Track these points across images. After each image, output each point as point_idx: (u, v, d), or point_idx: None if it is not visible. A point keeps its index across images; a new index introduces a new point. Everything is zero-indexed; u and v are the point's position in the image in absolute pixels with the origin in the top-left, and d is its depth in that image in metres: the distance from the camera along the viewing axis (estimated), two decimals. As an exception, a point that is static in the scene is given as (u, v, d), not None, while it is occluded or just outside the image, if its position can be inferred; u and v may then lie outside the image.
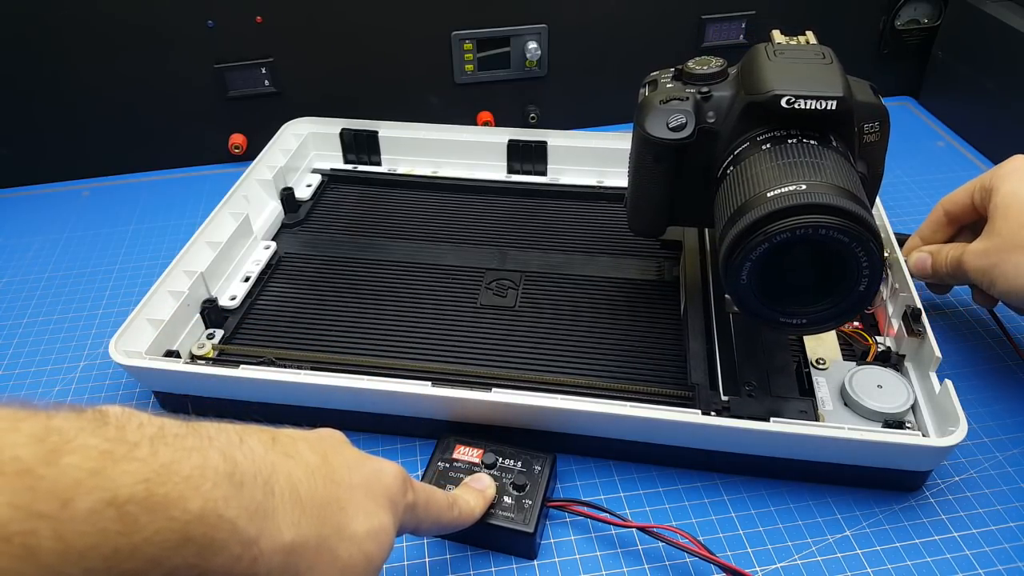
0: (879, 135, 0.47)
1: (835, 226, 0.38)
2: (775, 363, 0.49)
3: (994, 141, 0.76)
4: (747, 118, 0.45)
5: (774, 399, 0.47)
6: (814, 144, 0.43)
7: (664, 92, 0.48)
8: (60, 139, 0.77)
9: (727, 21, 0.79)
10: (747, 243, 0.40)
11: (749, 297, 0.42)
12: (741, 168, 0.44)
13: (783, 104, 0.43)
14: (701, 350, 0.51)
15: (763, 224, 0.39)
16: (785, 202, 0.39)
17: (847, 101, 0.43)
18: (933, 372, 0.47)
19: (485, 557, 0.44)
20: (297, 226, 0.67)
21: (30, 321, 0.61)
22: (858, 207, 0.39)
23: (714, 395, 0.48)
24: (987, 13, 0.75)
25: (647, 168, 0.49)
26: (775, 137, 0.44)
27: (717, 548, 0.43)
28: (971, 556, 0.43)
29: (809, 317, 0.42)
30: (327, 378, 0.47)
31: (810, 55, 0.46)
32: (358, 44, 0.76)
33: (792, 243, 0.39)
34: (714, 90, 0.47)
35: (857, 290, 0.40)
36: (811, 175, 0.40)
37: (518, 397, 0.46)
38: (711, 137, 0.47)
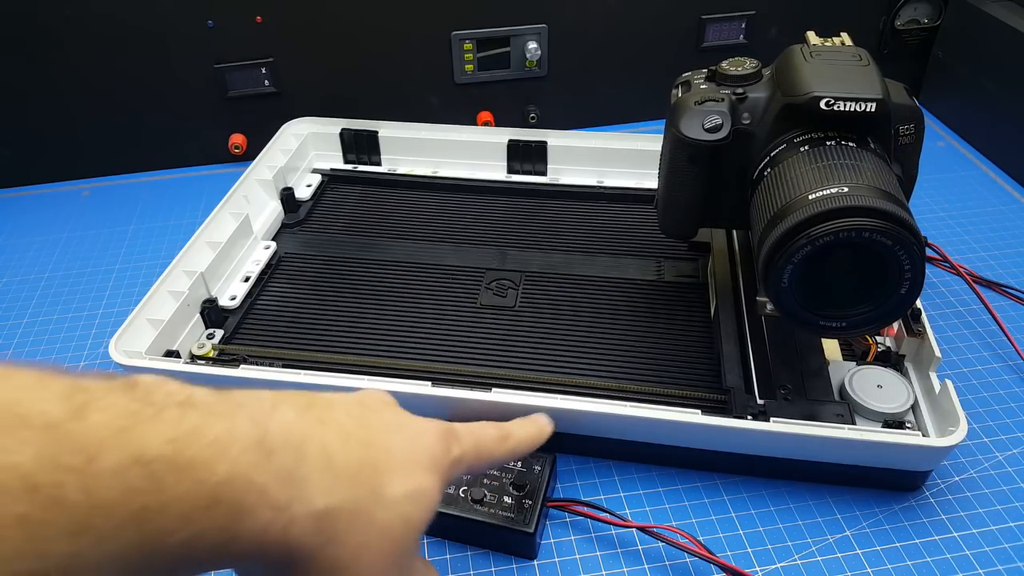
0: (913, 137, 0.46)
1: (878, 228, 0.38)
2: (810, 366, 0.49)
3: (994, 141, 0.76)
4: (784, 120, 0.45)
5: (810, 402, 0.46)
6: (852, 146, 0.43)
7: (699, 93, 0.47)
8: (60, 139, 0.77)
9: (727, 21, 0.79)
10: (789, 246, 0.39)
11: (790, 300, 0.41)
12: (779, 170, 0.43)
13: (822, 106, 0.43)
14: (735, 353, 0.50)
15: (805, 227, 0.39)
16: (827, 204, 0.38)
17: (886, 103, 0.43)
18: (933, 372, 0.47)
19: (485, 557, 0.44)
20: (297, 226, 0.67)
21: (30, 321, 0.61)
22: (900, 209, 0.38)
23: (750, 399, 0.47)
24: (987, 13, 0.75)
25: (681, 170, 0.48)
26: (813, 139, 0.43)
27: (717, 548, 0.43)
28: (971, 556, 0.43)
29: (849, 320, 0.42)
30: (327, 378, 0.47)
31: (847, 56, 0.45)
32: (358, 44, 0.76)
33: (834, 246, 0.39)
34: (749, 91, 0.47)
35: (899, 293, 0.40)
36: (852, 177, 0.40)
37: (518, 397, 0.46)
38: (746, 139, 0.46)
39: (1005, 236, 0.66)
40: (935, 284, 0.61)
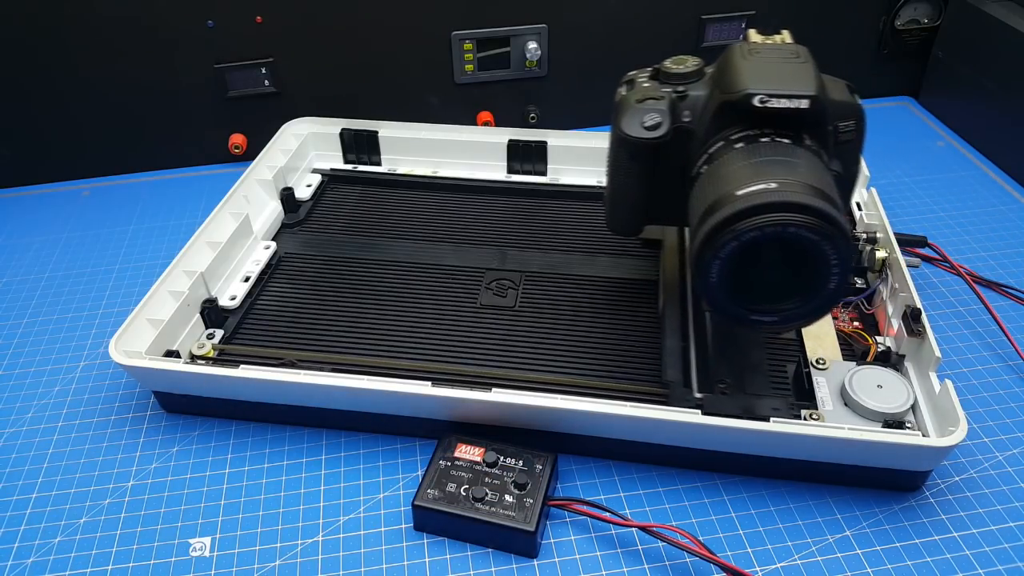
0: (854, 134, 0.47)
1: (804, 224, 0.38)
2: (750, 361, 0.49)
3: (994, 141, 0.76)
4: (721, 117, 0.45)
5: (747, 397, 0.47)
6: (787, 143, 0.43)
7: (640, 91, 0.48)
8: (60, 139, 0.77)
9: (727, 21, 0.79)
10: (716, 241, 0.40)
11: (719, 295, 0.42)
12: (714, 167, 0.44)
13: (755, 103, 0.43)
14: (676, 347, 0.51)
15: (732, 222, 0.39)
16: (754, 200, 0.39)
17: (819, 100, 0.43)
18: (933, 372, 0.47)
19: (485, 557, 0.44)
20: (297, 226, 0.67)
21: (30, 321, 0.61)
22: (827, 205, 0.39)
23: (687, 392, 0.48)
24: (987, 13, 0.75)
25: (623, 167, 0.49)
26: (748, 136, 0.44)
27: (717, 548, 0.43)
28: (971, 556, 0.43)
29: (780, 315, 0.42)
30: (327, 378, 0.47)
31: (784, 54, 0.46)
32: (358, 44, 0.76)
33: (761, 241, 0.39)
34: (690, 89, 0.47)
35: (827, 288, 0.40)
36: (782, 174, 0.40)
37: (518, 397, 0.46)
38: (687, 136, 0.47)
39: (1005, 236, 0.66)
40: (935, 284, 0.61)
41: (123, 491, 0.48)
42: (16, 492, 0.49)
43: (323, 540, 0.45)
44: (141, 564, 0.44)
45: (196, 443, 0.51)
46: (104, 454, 0.50)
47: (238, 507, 0.47)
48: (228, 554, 0.44)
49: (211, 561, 0.44)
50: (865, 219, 0.60)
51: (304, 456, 0.50)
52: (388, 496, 0.47)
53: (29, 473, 0.50)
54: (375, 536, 0.45)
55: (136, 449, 0.51)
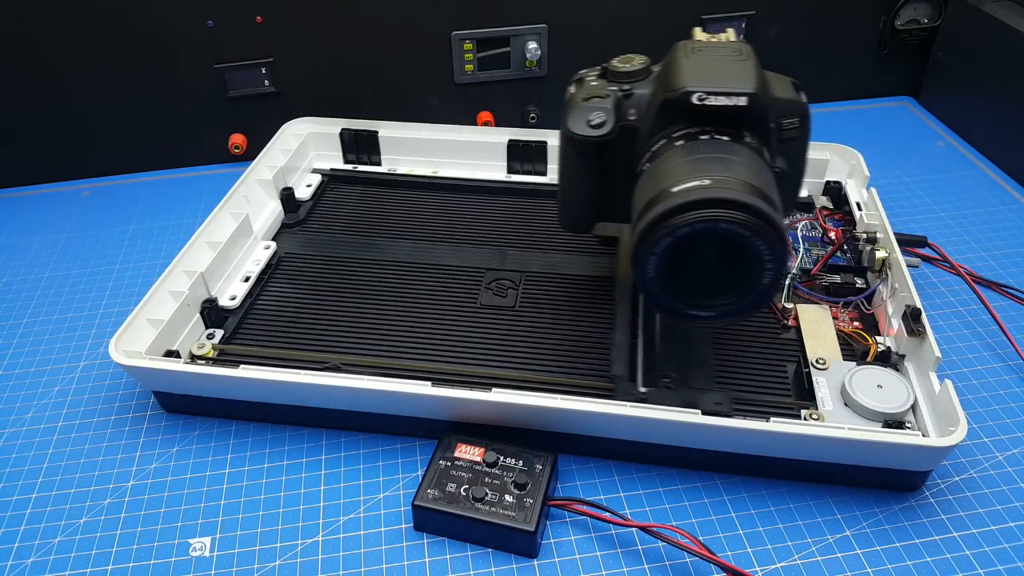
0: (799, 131, 0.47)
1: (735, 220, 0.39)
2: (696, 356, 0.50)
3: (994, 141, 0.76)
4: (664, 115, 0.46)
5: (691, 391, 0.48)
6: (726, 140, 0.44)
7: (587, 90, 0.48)
8: (60, 139, 0.77)
9: (727, 21, 0.79)
10: (651, 237, 0.40)
11: (656, 290, 0.42)
12: (655, 164, 0.44)
13: (694, 100, 0.44)
14: (625, 343, 0.51)
15: (666, 219, 0.40)
16: (687, 197, 0.39)
17: (758, 97, 0.43)
18: (933, 372, 0.47)
19: (485, 557, 0.44)
20: (297, 226, 0.67)
21: (30, 321, 0.61)
22: (761, 202, 0.39)
23: (632, 387, 0.48)
24: (987, 13, 0.75)
25: (571, 164, 0.50)
26: (689, 134, 0.44)
27: (717, 548, 0.43)
28: (971, 556, 0.43)
29: (717, 310, 0.43)
30: (327, 378, 0.47)
31: (726, 52, 0.46)
32: (358, 44, 0.76)
33: (693, 237, 0.40)
34: (635, 88, 0.48)
35: (761, 283, 0.41)
36: (718, 171, 0.41)
37: (518, 397, 0.46)
38: (632, 134, 0.47)
39: (1005, 236, 0.66)
40: (935, 284, 0.61)
41: (123, 491, 0.48)
42: (16, 492, 0.49)
43: (323, 540, 0.45)
44: (141, 564, 0.44)
45: (196, 443, 0.51)
46: (104, 454, 0.50)
47: (238, 507, 0.47)
48: (228, 554, 0.44)
49: (211, 561, 0.44)
50: (865, 219, 0.60)
51: (304, 456, 0.50)
52: (388, 496, 0.47)
53: (29, 473, 0.50)
54: (375, 536, 0.45)
55: (136, 449, 0.51)
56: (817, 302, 0.56)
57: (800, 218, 0.64)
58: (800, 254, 0.60)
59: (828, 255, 0.59)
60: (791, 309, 0.55)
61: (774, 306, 0.56)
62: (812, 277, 0.58)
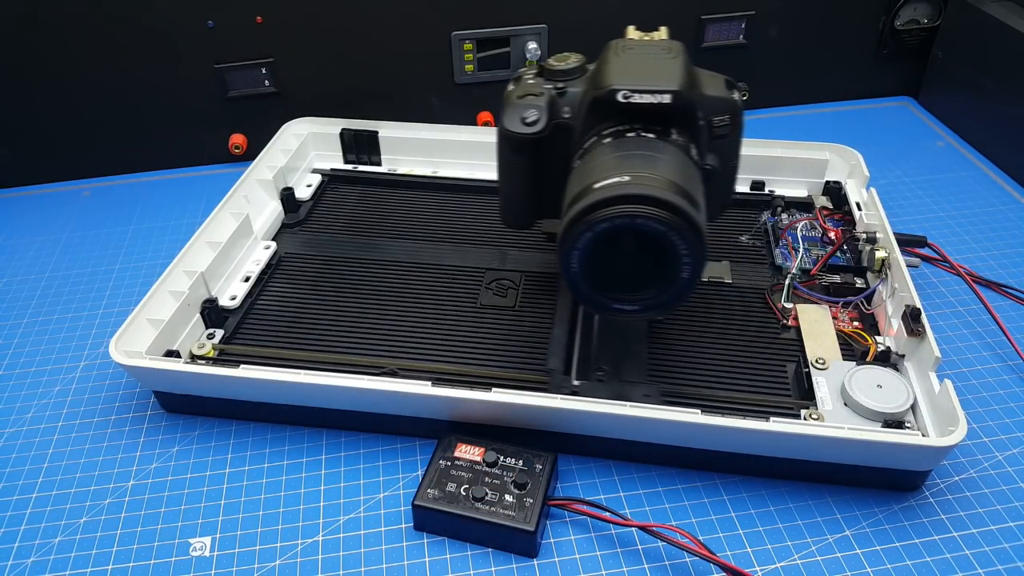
0: (730, 128, 0.47)
1: (651, 216, 0.39)
2: (630, 350, 0.51)
3: (994, 141, 0.76)
4: (594, 113, 0.46)
5: (622, 384, 0.49)
6: (651, 138, 0.44)
7: (523, 88, 0.49)
8: (60, 139, 0.77)
9: (727, 21, 0.79)
10: (573, 232, 0.41)
11: (581, 284, 0.43)
12: (583, 161, 0.45)
13: (619, 98, 0.44)
14: (563, 337, 0.52)
15: (586, 214, 0.40)
16: (606, 193, 0.40)
17: (683, 95, 0.44)
18: (933, 372, 0.47)
19: (485, 556, 0.44)
20: (297, 226, 0.67)
21: (30, 321, 0.61)
22: (677, 198, 0.40)
23: (566, 380, 0.49)
24: (987, 13, 0.75)
25: (508, 161, 0.50)
26: (617, 131, 0.45)
27: (717, 548, 0.43)
28: (971, 556, 0.43)
29: (640, 304, 0.43)
30: (327, 378, 0.47)
31: (656, 50, 0.47)
32: (358, 44, 0.76)
33: (613, 232, 0.40)
34: (569, 86, 0.48)
35: (681, 277, 0.42)
36: (639, 168, 0.41)
37: (518, 397, 0.46)
38: (567, 132, 0.48)
39: (1005, 236, 0.66)
40: (935, 284, 0.61)
41: (123, 491, 0.48)
42: (16, 492, 0.49)
43: (323, 540, 0.45)
44: (141, 564, 0.44)
45: (196, 443, 0.51)
46: (104, 454, 0.50)
47: (238, 507, 0.47)
48: (228, 554, 0.44)
49: (211, 561, 0.44)
50: (865, 219, 0.60)
51: (304, 456, 0.50)
52: (388, 496, 0.47)
53: (29, 473, 0.50)
54: (375, 536, 0.45)
55: (136, 449, 0.51)
56: (817, 302, 0.56)
57: (800, 218, 0.64)
58: (800, 254, 0.60)
59: (828, 255, 0.59)
60: (791, 309, 0.55)
61: (774, 306, 0.56)
62: (812, 277, 0.58)
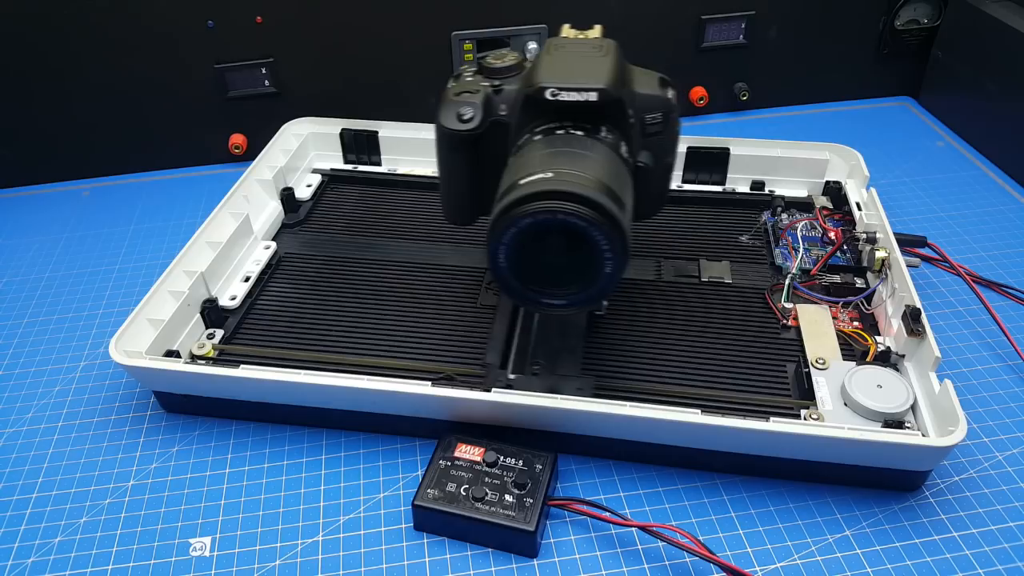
0: (662, 126, 0.48)
1: (571, 212, 0.40)
2: (567, 344, 0.51)
3: (994, 141, 0.76)
4: (526, 111, 0.47)
5: (557, 377, 0.49)
6: (580, 135, 0.45)
7: (460, 85, 0.50)
8: (60, 139, 0.77)
9: (727, 21, 0.79)
10: (498, 227, 0.41)
11: (509, 279, 0.43)
12: (515, 158, 0.46)
13: (548, 96, 0.45)
14: (503, 332, 0.53)
15: (510, 210, 0.41)
16: (530, 189, 0.41)
17: (609, 92, 0.44)
18: (933, 372, 0.47)
19: (485, 557, 0.44)
20: (297, 226, 0.67)
21: (30, 321, 0.61)
22: (598, 194, 0.40)
23: (502, 373, 0.50)
24: (987, 13, 0.75)
25: (446, 158, 0.51)
26: (548, 129, 0.46)
27: (717, 548, 0.43)
28: (971, 556, 0.43)
29: (568, 298, 0.44)
30: (327, 378, 0.47)
31: (587, 49, 0.48)
32: (358, 44, 0.76)
33: (536, 227, 0.41)
34: (505, 84, 0.49)
35: (604, 272, 0.42)
36: (563, 164, 0.42)
37: (518, 397, 0.46)
38: (503, 129, 0.48)
39: (1005, 236, 0.66)
40: (935, 284, 0.61)
41: (123, 491, 0.48)
42: (16, 492, 0.49)
43: (323, 540, 0.45)
44: (141, 564, 0.44)
45: (196, 443, 0.51)
46: (104, 454, 0.50)
47: (238, 507, 0.47)
48: (228, 554, 0.44)
49: (211, 561, 0.44)
50: (865, 219, 0.60)
51: (304, 456, 0.50)
52: (388, 496, 0.47)
53: (29, 473, 0.50)
54: (375, 536, 0.45)
55: (136, 449, 0.51)
56: (817, 302, 0.56)
57: (800, 218, 0.64)
58: (800, 254, 0.60)
59: (828, 255, 0.59)
60: (791, 309, 0.55)
61: (774, 306, 0.56)
62: (812, 277, 0.58)
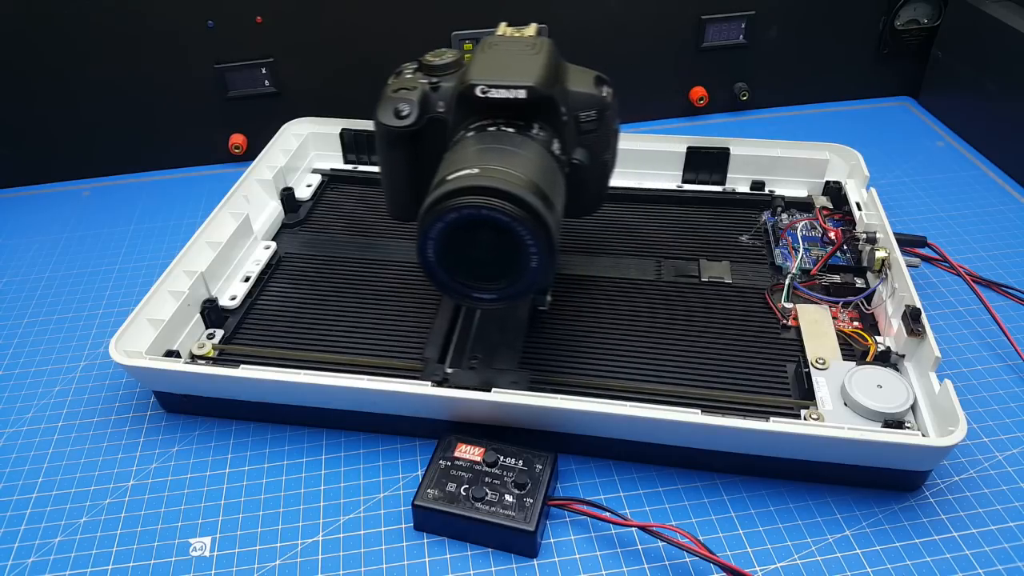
0: (596, 123, 0.48)
1: (495, 207, 0.40)
2: (505, 339, 0.52)
3: (994, 141, 0.76)
4: (461, 107, 0.47)
5: (492, 371, 0.50)
6: (511, 132, 0.45)
7: (399, 82, 0.50)
8: (60, 139, 0.77)
9: (727, 21, 0.79)
10: (425, 222, 0.42)
11: (438, 273, 0.44)
12: (448, 154, 0.46)
13: (478, 93, 0.45)
14: (443, 327, 0.54)
15: (437, 204, 0.41)
16: (456, 184, 0.41)
17: (538, 90, 0.45)
18: (933, 372, 0.47)
19: (485, 557, 0.44)
20: (297, 226, 0.67)
21: (30, 321, 0.61)
22: (522, 190, 0.41)
23: (439, 367, 0.51)
24: (987, 13, 0.75)
25: (386, 154, 0.51)
26: (480, 125, 0.46)
27: (717, 548, 0.43)
28: (971, 556, 0.43)
29: (497, 293, 0.44)
30: (327, 378, 0.47)
31: (520, 47, 0.48)
32: (358, 44, 0.76)
33: (461, 222, 0.41)
34: (443, 81, 0.49)
35: (530, 267, 0.42)
36: (490, 161, 0.42)
37: (518, 397, 0.46)
38: (442, 126, 0.49)
39: (1005, 236, 0.66)
40: (935, 284, 0.61)
41: (123, 491, 0.48)
42: (16, 492, 0.49)
43: (323, 540, 0.45)
44: (141, 564, 0.44)
45: (196, 443, 0.51)
46: (104, 454, 0.50)
47: (238, 507, 0.47)
48: (228, 554, 0.44)
49: (211, 561, 0.44)
50: (865, 219, 0.60)
51: (304, 456, 0.50)
52: (388, 496, 0.47)
53: (29, 473, 0.50)
54: (375, 536, 0.45)
55: (136, 449, 0.51)
56: (817, 302, 0.56)
57: (800, 218, 0.64)
58: (800, 254, 0.60)
59: (828, 255, 0.59)
60: (791, 309, 0.55)
61: (774, 306, 0.56)
62: (812, 277, 0.58)
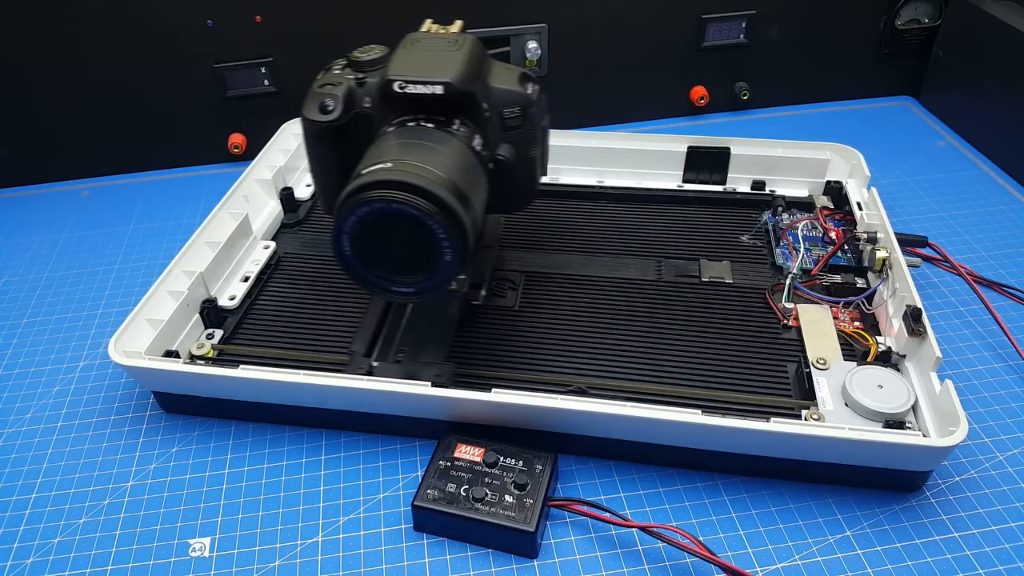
0: (520, 120, 0.49)
1: (405, 201, 0.41)
2: (434, 333, 0.52)
3: (994, 141, 0.76)
4: (384, 103, 0.48)
5: (418, 364, 0.50)
6: (430, 127, 0.46)
7: (326, 78, 0.51)
8: (59, 139, 0.77)
9: (727, 21, 0.79)
10: (339, 215, 0.42)
11: (354, 266, 0.44)
12: (369, 149, 0.46)
13: (396, 88, 0.46)
14: (373, 322, 0.54)
15: (350, 197, 0.42)
16: (368, 178, 0.41)
17: (455, 86, 0.45)
18: (933, 372, 0.47)
19: (485, 557, 0.44)
20: (297, 226, 0.67)
21: (30, 321, 0.61)
22: (434, 184, 0.41)
23: (365, 360, 0.51)
24: (987, 13, 0.75)
25: (313, 149, 0.51)
26: (401, 121, 0.47)
27: (717, 548, 0.43)
28: (971, 556, 0.43)
29: (415, 286, 0.45)
30: (327, 378, 0.47)
31: (442, 43, 0.48)
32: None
33: (373, 216, 0.42)
34: (369, 77, 0.49)
35: (445, 261, 0.43)
36: (405, 155, 0.43)
37: (518, 397, 0.46)
38: (368, 121, 0.49)
39: (1005, 236, 0.66)
40: (935, 284, 0.61)
41: (123, 491, 0.48)
42: (16, 492, 0.49)
43: (323, 540, 0.45)
44: (141, 564, 0.44)
45: (196, 443, 0.51)
46: (104, 454, 0.50)
47: (238, 507, 0.47)
48: (228, 554, 0.44)
49: (211, 561, 0.44)
50: (866, 219, 0.60)
51: (304, 456, 0.50)
52: (388, 496, 0.47)
53: (29, 473, 0.50)
54: (375, 536, 0.45)
55: (136, 449, 0.51)
56: (818, 302, 0.56)
57: (801, 218, 0.64)
58: (801, 254, 0.60)
59: (829, 255, 0.59)
60: (792, 309, 0.55)
61: (775, 306, 0.56)
62: (813, 277, 0.58)
